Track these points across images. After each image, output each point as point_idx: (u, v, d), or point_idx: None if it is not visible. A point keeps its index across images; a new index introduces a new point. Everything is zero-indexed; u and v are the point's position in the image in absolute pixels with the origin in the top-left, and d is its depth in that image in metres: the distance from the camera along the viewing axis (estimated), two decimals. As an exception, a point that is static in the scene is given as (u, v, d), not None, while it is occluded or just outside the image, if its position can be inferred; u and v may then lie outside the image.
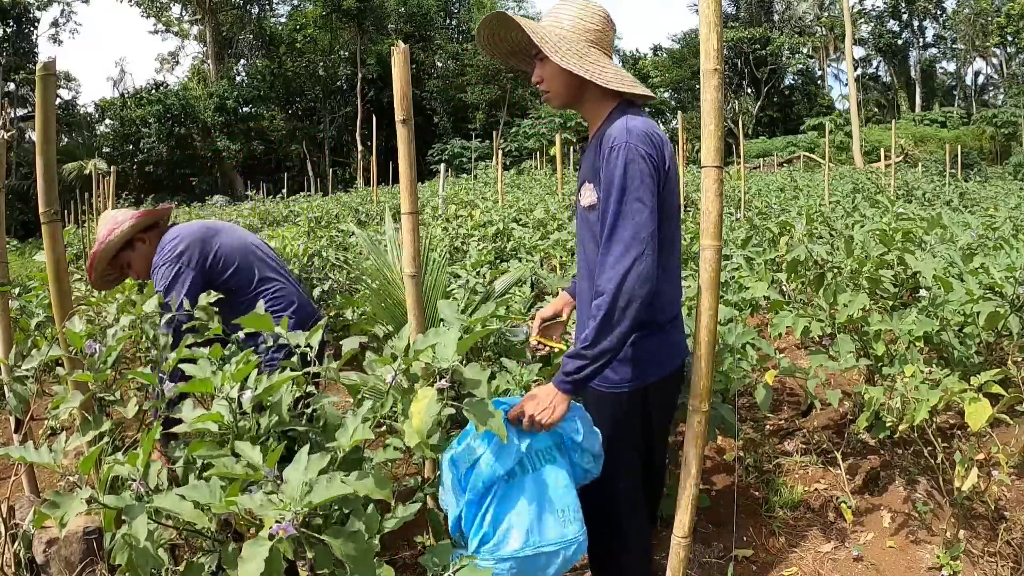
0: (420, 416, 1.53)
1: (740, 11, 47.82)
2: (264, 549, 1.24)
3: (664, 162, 1.62)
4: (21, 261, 14.55)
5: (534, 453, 1.63)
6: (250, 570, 1.22)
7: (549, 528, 1.57)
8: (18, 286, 3.87)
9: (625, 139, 1.57)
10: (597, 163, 1.64)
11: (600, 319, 1.54)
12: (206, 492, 1.38)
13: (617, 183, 1.56)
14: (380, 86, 37.45)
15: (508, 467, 1.58)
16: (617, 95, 1.71)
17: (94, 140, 35.01)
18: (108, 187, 7.77)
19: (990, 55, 44.99)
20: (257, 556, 1.24)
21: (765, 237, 4.69)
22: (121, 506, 1.36)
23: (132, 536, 1.31)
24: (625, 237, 1.54)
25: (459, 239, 5.90)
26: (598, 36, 1.70)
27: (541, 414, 1.59)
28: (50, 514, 1.37)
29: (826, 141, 11.89)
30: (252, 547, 1.25)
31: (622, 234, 1.55)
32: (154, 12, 42.11)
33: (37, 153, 2.07)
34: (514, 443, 1.60)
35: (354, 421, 1.51)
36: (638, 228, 1.54)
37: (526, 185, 14.04)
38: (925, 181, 13.61)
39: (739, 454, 2.97)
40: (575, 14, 1.69)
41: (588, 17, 1.70)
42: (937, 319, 2.63)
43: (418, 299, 2.22)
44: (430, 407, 1.53)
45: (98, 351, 1.81)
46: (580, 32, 1.68)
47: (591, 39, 1.69)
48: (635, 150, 1.56)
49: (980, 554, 2.27)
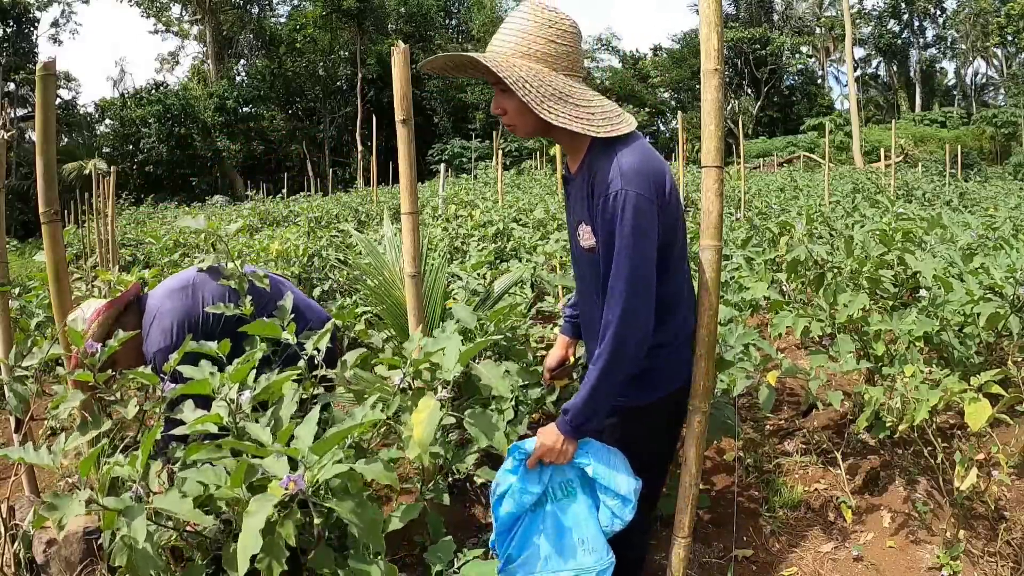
0: (422, 427, 1.53)
1: (740, 11, 47.83)
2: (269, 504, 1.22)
3: (663, 191, 1.53)
4: (21, 261, 14.55)
5: (556, 486, 1.72)
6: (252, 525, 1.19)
7: (566, 556, 1.66)
8: (18, 286, 3.87)
9: (620, 186, 1.47)
10: (590, 205, 1.56)
11: (599, 372, 1.55)
12: (211, 475, 1.37)
13: (618, 235, 1.48)
14: (380, 86, 37.43)
15: (532, 500, 1.68)
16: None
17: (94, 140, 35.00)
18: (108, 187, 7.77)
19: (990, 55, 45.00)
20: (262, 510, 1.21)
21: (765, 237, 4.69)
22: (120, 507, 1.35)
23: (131, 537, 1.31)
24: (625, 291, 1.50)
25: (459, 239, 5.90)
26: (571, 61, 1.53)
27: (556, 459, 1.64)
28: (48, 516, 1.36)
29: (826, 141, 11.89)
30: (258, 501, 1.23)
31: (621, 287, 1.50)
32: (154, 12, 42.11)
33: (37, 153, 2.07)
34: (536, 478, 1.69)
35: (363, 409, 1.51)
36: (635, 280, 1.49)
37: (526, 185, 14.04)
38: (925, 181, 13.61)
39: (739, 454, 2.97)
40: (544, 35, 1.49)
41: (559, 37, 1.50)
42: (937, 319, 2.63)
43: (418, 299, 2.22)
44: (432, 417, 1.53)
45: (99, 351, 1.81)
46: (553, 61, 1.50)
47: (566, 66, 1.52)
48: (632, 197, 1.46)
49: (980, 554, 2.27)
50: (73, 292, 2.45)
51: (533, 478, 1.68)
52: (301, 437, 1.35)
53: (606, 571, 1.67)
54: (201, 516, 1.34)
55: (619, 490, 1.69)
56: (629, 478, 1.69)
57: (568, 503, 1.71)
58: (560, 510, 1.70)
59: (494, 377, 1.69)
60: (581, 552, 1.66)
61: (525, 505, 1.68)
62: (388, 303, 3.10)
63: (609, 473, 1.68)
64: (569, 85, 1.52)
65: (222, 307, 2.19)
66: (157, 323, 2.22)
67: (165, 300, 2.28)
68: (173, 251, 7.12)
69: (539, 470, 1.68)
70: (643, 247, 1.49)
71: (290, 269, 4.94)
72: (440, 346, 1.67)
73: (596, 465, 1.68)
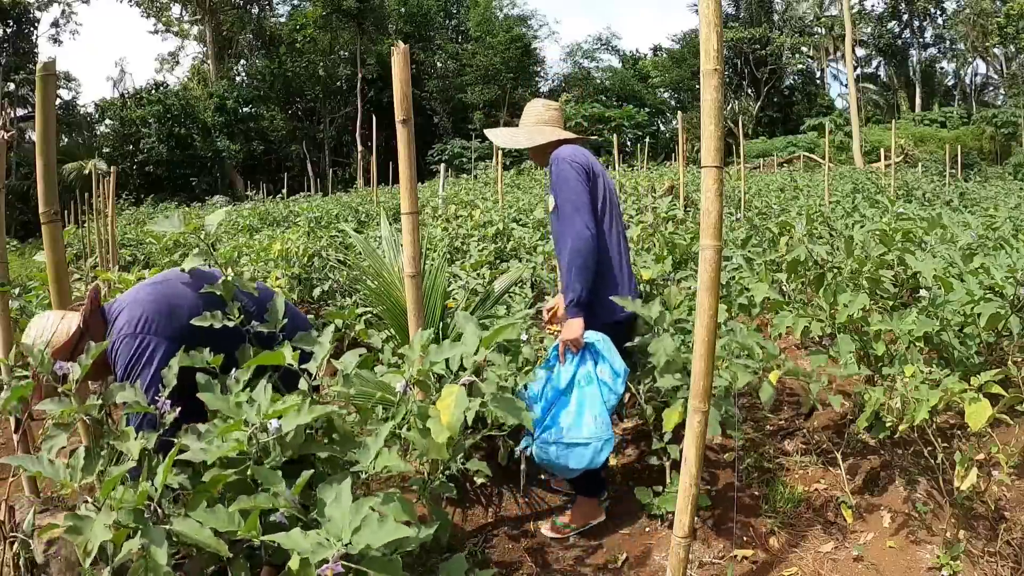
0: (450, 411, 1.53)
1: (740, 11, 47.76)
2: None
3: (589, 167, 2.56)
4: (21, 261, 14.53)
5: (580, 378, 2.47)
6: None
7: (585, 427, 2.40)
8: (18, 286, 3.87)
9: (556, 159, 2.57)
10: (549, 181, 2.60)
11: (567, 268, 2.47)
12: (224, 519, 1.36)
13: (556, 184, 2.54)
14: (380, 86, 37.41)
15: (562, 387, 2.47)
16: (555, 144, 2.68)
17: (94, 140, 34.96)
18: (108, 187, 7.77)
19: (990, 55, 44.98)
20: None
21: (765, 237, 4.68)
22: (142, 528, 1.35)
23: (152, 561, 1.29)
24: (569, 212, 2.48)
25: (459, 239, 5.90)
26: (550, 116, 2.77)
27: (574, 339, 2.45)
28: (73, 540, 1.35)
29: (826, 141, 11.88)
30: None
31: (566, 209, 2.49)
32: (154, 12, 42.05)
33: (37, 153, 2.07)
34: (562, 372, 2.49)
35: (376, 442, 1.50)
36: (575, 206, 2.48)
37: (526, 185, 14.04)
38: (925, 181, 13.60)
39: (739, 454, 2.97)
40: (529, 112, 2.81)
41: (545, 110, 2.79)
42: (937, 319, 2.62)
43: (418, 300, 2.22)
44: (460, 401, 1.53)
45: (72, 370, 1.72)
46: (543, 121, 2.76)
47: (543, 120, 2.76)
48: (565, 162, 2.54)
49: (980, 554, 2.27)
50: (73, 292, 2.44)
51: (562, 373, 2.48)
52: (334, 520, 1.32)
53: (609, 441, 2.41)
54: (221, 544, 1.34)
55: (614, 364, 2.47)
56: (620, 359, 2.49)
57: (587, 389, 2.45)
58: (581, 394, 2.45)
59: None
60: (593, 424, 2.39)
61: (558, 390, 2.46)
62: (388, 304, 3.10)
63: (609, 349, 2.49)
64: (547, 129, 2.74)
65: (209, 317, 2.04)
66: (127, 312, 2.07)
67: (139, 291, 2.17)
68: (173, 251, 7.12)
69: (567, 362, 2.49)
70: (575, 186, 2.52)
71: (290, 269, 4.95)
72: (445, 355, 1.67)
73: (602, 342, 2.48)
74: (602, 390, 2.46)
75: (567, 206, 2.48)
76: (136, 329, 2.02)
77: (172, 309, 2.11)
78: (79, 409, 1.74)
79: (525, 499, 2.92)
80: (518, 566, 2.52)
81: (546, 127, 2.73)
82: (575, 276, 2.44)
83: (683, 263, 4.01)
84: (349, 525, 1.29)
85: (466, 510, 2.86)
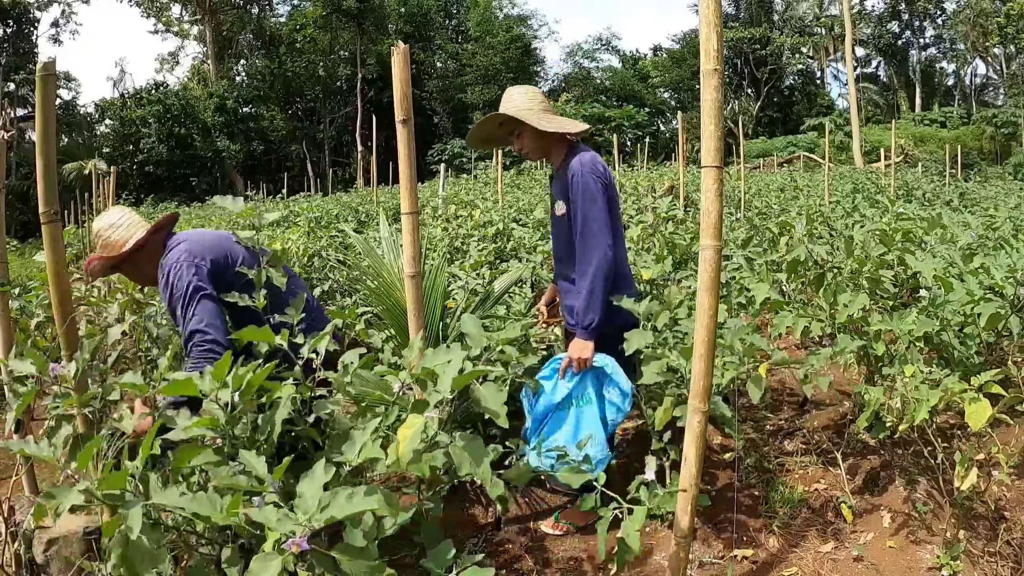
0: (405, 444, 1.53)
1: (740, 11, 47.74)
2: (276, 564, 1.22)
3: (608, 178, 2.52)
4: (21, 261, 14.53)
5: (578, 396, 2.47)
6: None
7: (580, 446, 2.31)
8: (18, 286, 3.87)
9: (580, 168, 2.47)
10: (565, 188, 2.52)
11: (588, 289, 2.43)
12: (206, 503, 1.36)
13: (581, 197, 2.45)
14: (380, 86, 37.41)
15: (556, 401, 2.47)
16: (561, 137, 2.58)
17: (94, 140, 34.97)
18: (108, 187, 7.77)
19: (990, 55, 44.98)
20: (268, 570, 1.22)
21: (765, 237, 4.68)
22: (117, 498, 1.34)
23: (128, 527, 1.29)
24: (595, 231, 2.43)
25: (459, 239, 5.90)
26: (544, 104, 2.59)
27: (581, 359, 2.43)
28: (46, 504, 1.35)
29: (826, 141, 11.89)
30: (261, 561, 1.23)
31: (592, 228, 2.44)
32: (154, 12, 42.07)
33: (37, 153, 2.06)
34: (560, 387, 2.48)
35: (362, 436, 1.50)
36: (600, 225, 2.43)
37: (526, 185, 14.04)
38: (925, 181, 13.61)
39: (739, 454, 2.97)
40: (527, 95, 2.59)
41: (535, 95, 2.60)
42: (937, 319, 2.62)
43: (418, 300, 2.22)
44: (415, 436, 1.53)
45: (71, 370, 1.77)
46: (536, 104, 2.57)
47: (546, 108, 2.58)
48: (590, 175, 2.46)
49: (980, 554, 2.27)
50: (73, 292, 2.45)
51: (559, 387, 2.47)
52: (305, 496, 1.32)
53: (603, 461, 2.37)
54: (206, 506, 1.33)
55: (622, 385, 2.42)
56: (627, 379, 2.43)
57: (585, 408, 2.45)
58: (579, 413, 2.46)
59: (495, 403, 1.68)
60: (588, 444, 2.33)
61: (552, 404, 2.47)
62: (388, 304, 3.10)
63: (616, 371, 2.43)
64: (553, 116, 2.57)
65: (236, 296, 2.19)
66: (186, 245, 2.32)
67: (205, 234, 2.44)
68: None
69: (566, 378, 2.46)
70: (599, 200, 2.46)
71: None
72: (440, 360, 1.67)
73: (610, 363, 2.44)
74: (608, 410, 2.46)
75: (593, 224, 2.42)
76: (195, 260, 2.28)
77: (226, 254, 2.37)
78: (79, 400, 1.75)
79: (525, 499, 2.92)
80: (518, 565, 2.52)
81: (554, 116, 2.58)
82: (597, 299, 2.41)
83: (683, 263, 4.01)
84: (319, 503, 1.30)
85: (466, 510, 2.86)
